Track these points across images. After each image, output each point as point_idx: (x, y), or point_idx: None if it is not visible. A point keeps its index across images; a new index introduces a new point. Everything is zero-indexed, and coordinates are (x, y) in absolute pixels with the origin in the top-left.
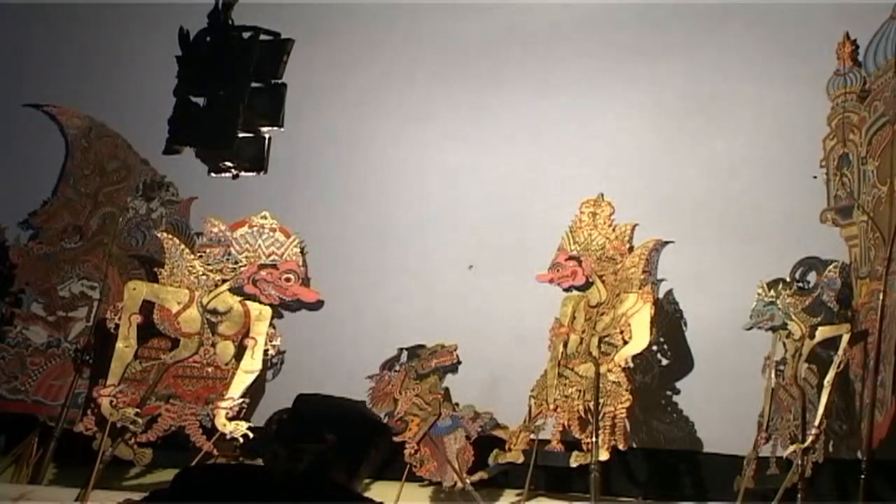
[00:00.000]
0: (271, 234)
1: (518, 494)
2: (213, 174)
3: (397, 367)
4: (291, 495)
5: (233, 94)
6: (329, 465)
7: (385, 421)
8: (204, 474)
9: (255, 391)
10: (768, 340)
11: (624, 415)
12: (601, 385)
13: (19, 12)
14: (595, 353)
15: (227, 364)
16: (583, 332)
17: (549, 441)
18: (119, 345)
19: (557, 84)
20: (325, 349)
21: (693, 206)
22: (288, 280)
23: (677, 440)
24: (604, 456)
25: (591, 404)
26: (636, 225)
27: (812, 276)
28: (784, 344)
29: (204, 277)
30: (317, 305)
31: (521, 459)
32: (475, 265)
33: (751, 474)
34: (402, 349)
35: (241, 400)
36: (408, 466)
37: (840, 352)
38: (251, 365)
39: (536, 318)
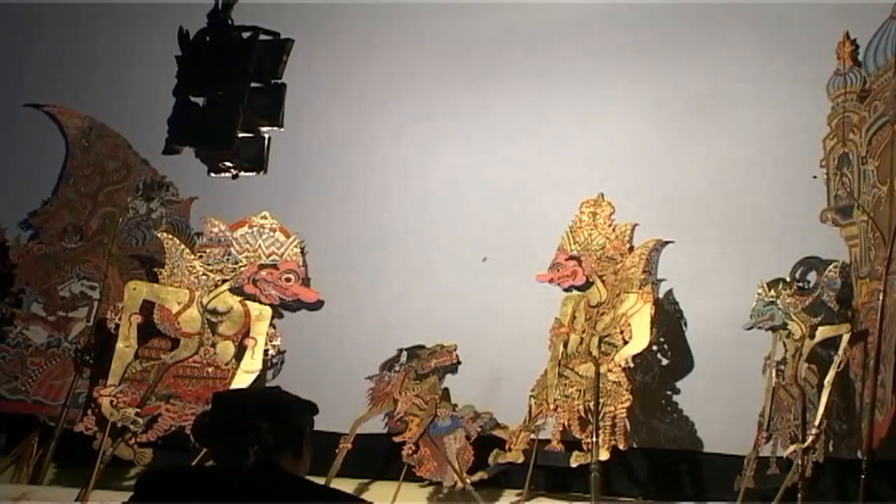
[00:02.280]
0: (271, 234)
1: (518, 494)
2: (212, 174)
3: (397, 368)
4: (251, 491)
5: (232, 94)
6: (274, 453)
7: (385, 421)
8: (167, 477)
9: None
10: (768, 340)
11: (624, 415)
12: (601, 385)
13: (20, 12)
14: (595, 352)
15: (227, 364)
16: (583, 331)
17: (549, 441)
18: (119, 345)
19: (557, 84)
20: (325, 349)
21: (693, 206)
22: (288, 280)
23: (677, 440)
24: (604, 456)
25: (592, 404)
26: (636, 225)
27: (812, 276)
28: (784, 344)
29: (204, 277)
30: (317, 305)
31: (521, 459)
32: (481, 259)
33: (751, 474)
34: (401, 349)
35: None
36: (405, 467)
37: (840, 351)
38: (251, 365)
39: (536, 317)
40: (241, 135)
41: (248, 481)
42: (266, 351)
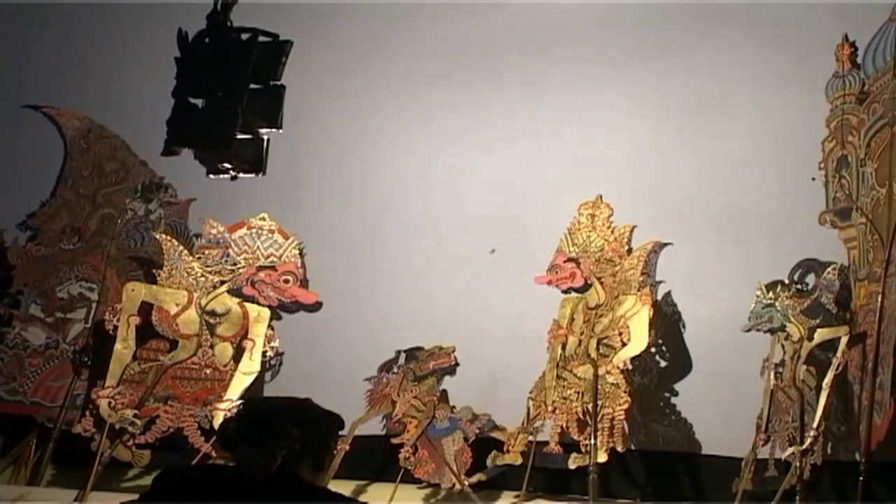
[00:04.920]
0: (270, 235)
1: (516, 496)
2: (211, 175)
3: (395, 369)
4: (270, 495)
5: (231, 96)
6: (298, 461)
7: (383, 423)
8: (184, 476)
9: (253, 393)
10: (767, 342)
11: (622, 416)
12: (600, 387)
13: (18, 13)
14: (593, 354)
15: (225, 365)
16: (581, 333)
17: (547, 443)
18: (117, 346)
19: (556, 86)
20: (323, 351)
21: (692, 208)
22: (286, 281)
23: (675, 442)
24: (602, 458)
25: (590, 406)
26: (635, 227)
27: (811, 278)
28: (783, 346)
29: (202, 279)
30: (315, 307)
31: (519, 461)
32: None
33: (749, 476)
34: (399, 351)
35: (239, 401)
36: (402, 469)
37: (839, 354)
38: (249, 366)
39: (535, 319)
40: (239, 136)
41: (268, 486)
42: (264, 352)
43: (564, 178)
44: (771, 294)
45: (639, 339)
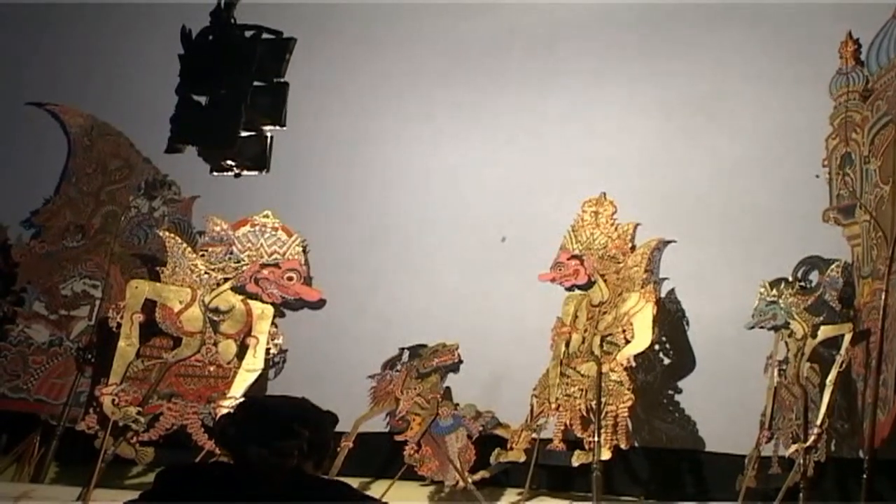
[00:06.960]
0: (273, 232)
1: (519, 493)
2: (215, 173)
3: (399, 367)
4: (282, 493)
5: (235, 93)
6: (304, 460)
7: (386, 420)
8: (188, 473)
9: (257, 390)
10: (770, 340)
11: (626, 414)
12: (603, 384)
13: (21, 11)
14: (597, 352)
15: (228, 363)
16: (585, 331)
17: (550, 440)
18: (121, 343)
19: (559, 84)
20: (326, 348)
21: (695, 206)
22: (290, 279)
23: (679, 439)
24: (606, 455)
25: (593, 403)
26: (638, 224)
27: (814, 276)
28: (786, 343)
29: (206, 276)
30: (319, 304)
31: (522, 458)
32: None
33: (753, 473)
34: (403, 348)
35: (242, 399)
36: (403, 466)
37: (842, 351)
38: (253, 364)
39: (538, 317)
40: (243, 134)
41: (280, 484)
42: (268, 350)
43: (568, 175)
44: (774, 291)
45: (642, 336)
